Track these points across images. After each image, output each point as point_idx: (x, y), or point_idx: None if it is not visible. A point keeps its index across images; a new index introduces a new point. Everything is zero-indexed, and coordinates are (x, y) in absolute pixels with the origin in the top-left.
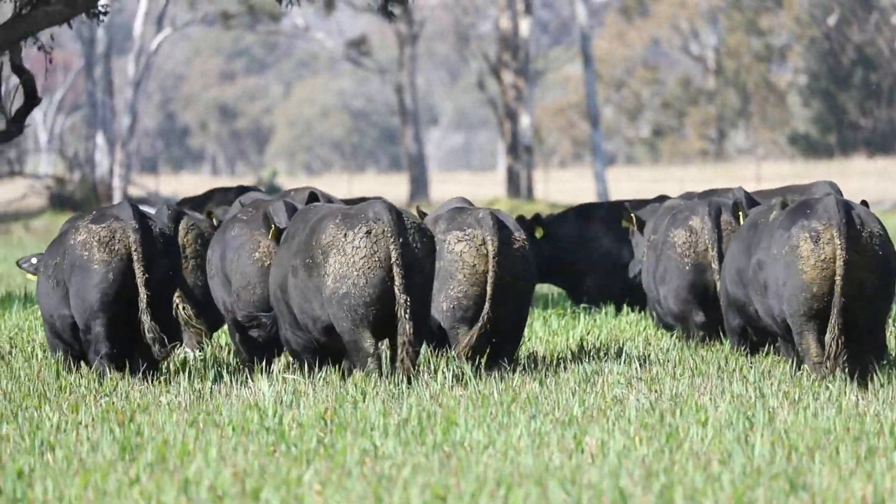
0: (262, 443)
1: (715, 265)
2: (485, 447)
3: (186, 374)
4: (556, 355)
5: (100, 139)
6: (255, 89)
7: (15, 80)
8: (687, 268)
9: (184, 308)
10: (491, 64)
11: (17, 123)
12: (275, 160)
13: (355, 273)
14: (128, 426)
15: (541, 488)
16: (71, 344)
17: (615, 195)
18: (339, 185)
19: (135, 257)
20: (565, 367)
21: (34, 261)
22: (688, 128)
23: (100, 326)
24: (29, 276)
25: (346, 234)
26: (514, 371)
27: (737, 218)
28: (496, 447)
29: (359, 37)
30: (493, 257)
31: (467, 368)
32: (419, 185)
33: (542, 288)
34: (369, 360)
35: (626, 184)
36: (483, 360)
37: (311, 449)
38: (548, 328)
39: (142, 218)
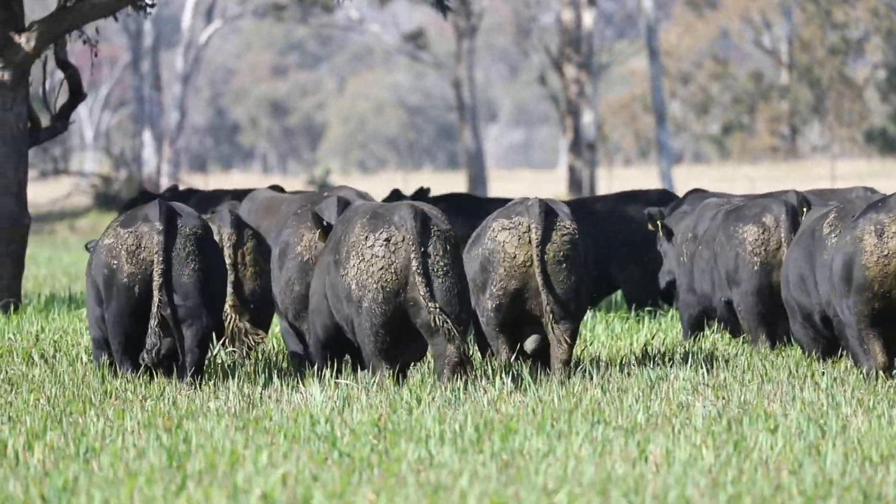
0: (314, 450)
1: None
2: (544, 455)
3: (236, 378)
4: (619, 360)
5: (147, 136)
6: (308, 84)
7: (60, 75)
8: (762, 267)
9: (238, 318)
10: (553, 57)
11: (62, 120)
12: (328, 158)
13: (372, 281)
14: (175, 433)
15: (603, 498)
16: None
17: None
18: (394, 184)
19: (155, 260)
20: (629, 373)
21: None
22: (758, 124)
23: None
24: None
25: (367, 238)
26: (574, 376)
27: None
28: (556, 455)
29: (415, 29)
30: (537, 245)
31: (526, 373)
32: (477, 184)
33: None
34: (382, 369)
35: (693, 182)
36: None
37: (365, 457)
38: (611, 332)
39: (170, 219)
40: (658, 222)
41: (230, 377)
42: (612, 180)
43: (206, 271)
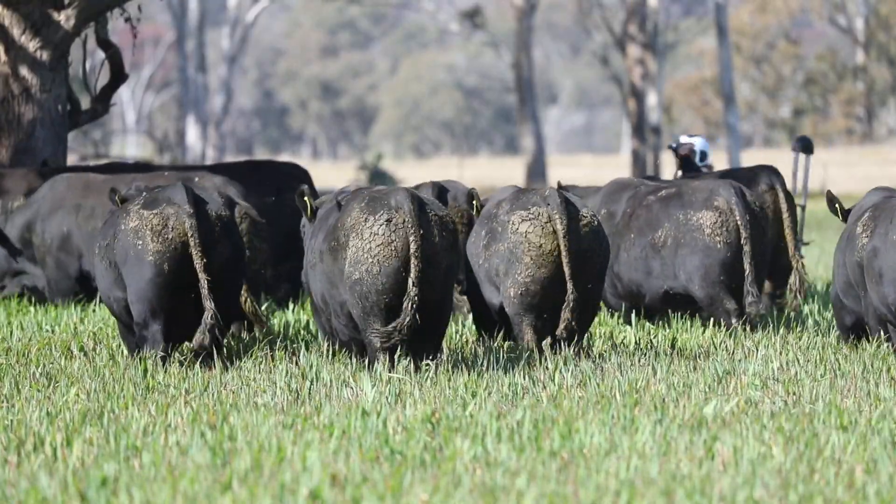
0: (365, 447)
1: None
2: (606, 453)
3: (283, 373)
4: (684, 354)
5: (191, 119)
6: (360, 65)
7: (100, 55)
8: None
9: (248, 299)
10: (616, 36)
11: (103, 102)
12: (380, 142)
13: (370, 260)
14: (220, 429)
15: (667, 498)
16: (130, 325)
17: None
18: (449, 170)
19: (191, 243)
20: (695, 367)
21: None
22: (833, 107)
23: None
24: None
25: (366, 219)
26: (638, 370)
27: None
28: (619, 453)
29: (472, 7)
30: (563, 235)
31: (587, 368)
32: (536, 169)
33: None
34: (378, 353)
35: None
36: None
37: (418, 454)
38: (676, 325)
39: (197, 202)
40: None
41: (277, 371)
42: None
43: (234, 252)
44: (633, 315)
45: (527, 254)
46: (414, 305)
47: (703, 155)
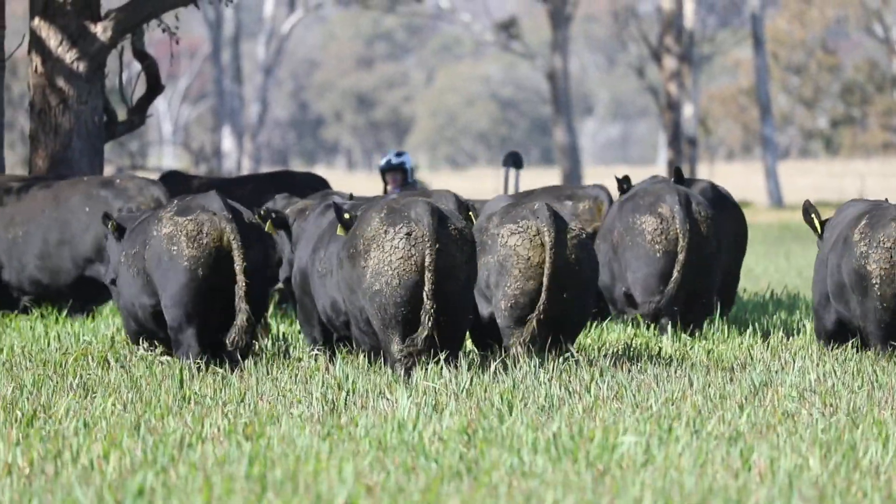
0: (401, 458)
1: None
2: (643, 465)
3: (319, 383)
4: (721, 365)
5: (227, 130)
6: (395, 76)
7: (137, 66)
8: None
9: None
10: (652, 48)
11: (140, 113)
12: (415, 153)
13: (390, 272)
14: (256, 440)
15: None
16: (155, 332)
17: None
18: (485, 181)
19: (233, 246)
20: (731, 379)
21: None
22: (871, 118)
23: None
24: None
25: (386, 231)
26: (674, 382)
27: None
28: (655, 465)
29: (508, 18)
30: (550, 248)
31: (624, 379)
32: (572, 180)
33: None
34: (396, 364)
35: (801, 179)
36: (545, 354)
37: (454, 465)
38: (711, 336)
39: (233, 208)
40: (812, 217)
41: (313, 381)
42: (714, 177)
43: (264, 258)
44: (669, 326)
45: (516, 266)
46: (431, 318)
47: (412, 171)
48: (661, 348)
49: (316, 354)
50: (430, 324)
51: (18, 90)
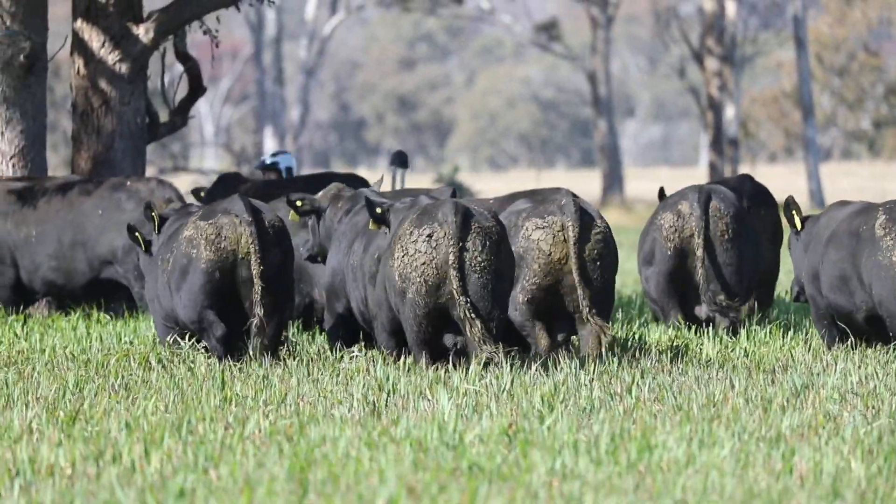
0: (442, 460)
1: None
2: (684, 467)
3: (360, 385)
4: (762, 367)
5: (269, 132)
6: (436, 78)
7: (179, 68)
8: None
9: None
10: (693, 49)
11: (181, 115)
12: (457, 155)
13: (415, 274)
14: (297, 441)
15: None
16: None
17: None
18: (526, 182)
19: (251, 250)
20: (773, 381)
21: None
22: None
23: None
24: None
25: (411, 233)
26: (715, 385)
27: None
28: (696, 467)
29: (548, 20)
30: (574, 243)
31: (665, 381)
32: (613, 182)
33: None
34: (423, 362)
35: (843, 180)
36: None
37: (495, 467)
38: (753, 338)
39: (255, 211)
40: (794, 213)
41: (354, 383)
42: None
43: (289, 260)
44: (710, 328)
45: (536, 261)
46: (470, 313)
47: (290, 171)
48: (702, 350)
49: (356, 356)
50: (471, 316)
51: (61, 92)
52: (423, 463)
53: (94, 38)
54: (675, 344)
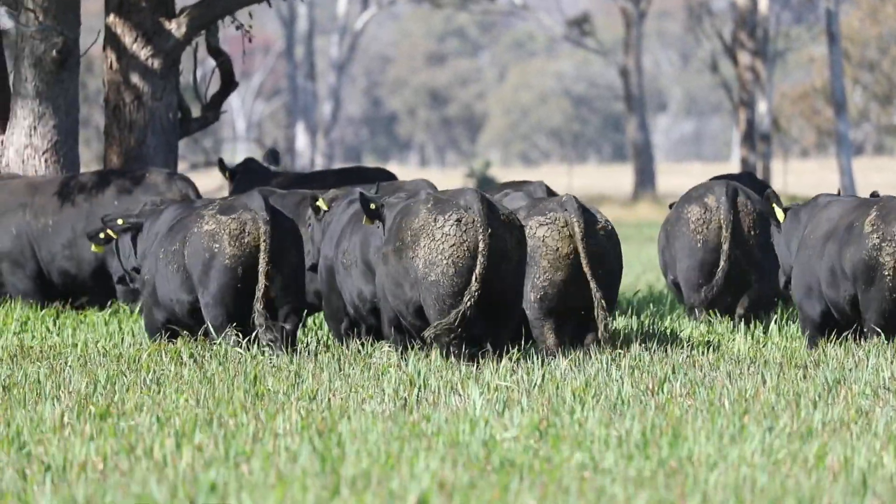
0: (472, 455)
1: None
2: (715, 462)
3: (391, 380)
4: (793, 362)
5: (301, 127)
6: (468, 73)
7: (211, 62)
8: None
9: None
10: (725, 44)
11: (213, 110)
12: (488, 150)
13: (444, 261)
14: (328, 436)
15: None
16: (192, 327)
17: (862, 189)
18: (558, 177)
19: (262, 248)
20: (805, 376)
21: (119, 221)
22: None
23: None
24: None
25: (436, 220)
26: (746, 379)
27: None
28: (727, 462)
29: (581, 15)
30: (581, 239)
31: (696, 376)
32: (645, 177)
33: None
34: (450, 346)
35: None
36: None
37: (525, 462)
38: (785, 333)
39: (273, 209)
40: (774, 205)
41: (385, 378)
42: (788, 174)
43: (301, 256)
44: (741, 324)
45: (545, 258)
46: (472, 299)
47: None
48: (733, 345)
49: (388, 351)
50: (469, 303)
51: (94, 87)
52: (454, 458)
53: (127, 34)
54: (706, 339)
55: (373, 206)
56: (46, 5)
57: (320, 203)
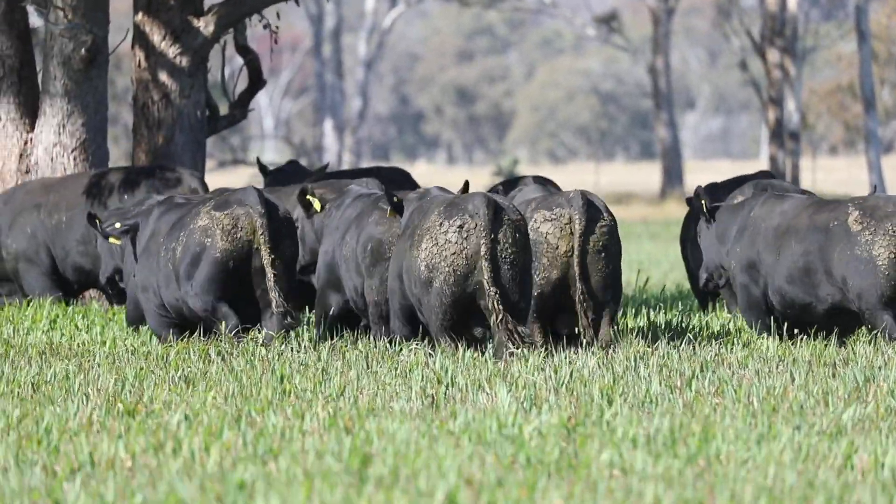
0: (500, 453)
1: None
2: (743, 461)
3: (419, 378)
4: (822, 360)
5: (328, 125)
6: (496, 70)
7: (239, 60)
8: None
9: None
10: (754, 41)
11: (241, 108)
12: (515, 147)
13: (445, 265)
14: (356, 433)
15: None
16: (183, 325)
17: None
18: (585, 175)
19: (262, 241)
20: (834, 375)
21: (118, 226)
22: None
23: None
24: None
25: (441, 224)
26: (775, 378)
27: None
28: (756, 461)
29: (609, 12)
30: (580, 236)
31: (725, 375)
32: (673, 175)
33: None
34: (445, 345)
35: None
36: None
37: (553, 460)
38: (813, 332)
39: (268, 202)
40: (703, 201)
41: (413, 376)
42: (817, 171)
43: (295, 249)
44: (771, 321)
45: (545, 254)
46: (499, 303)
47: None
48: (762, 344)
49: (415, 348)
50: (499, 307)
51: (122, 85)
52: (481, 456)
53: (155, 32)
54: (735, 338)
55: (396, 199)
56: (75, 4)
57: (314, 202)
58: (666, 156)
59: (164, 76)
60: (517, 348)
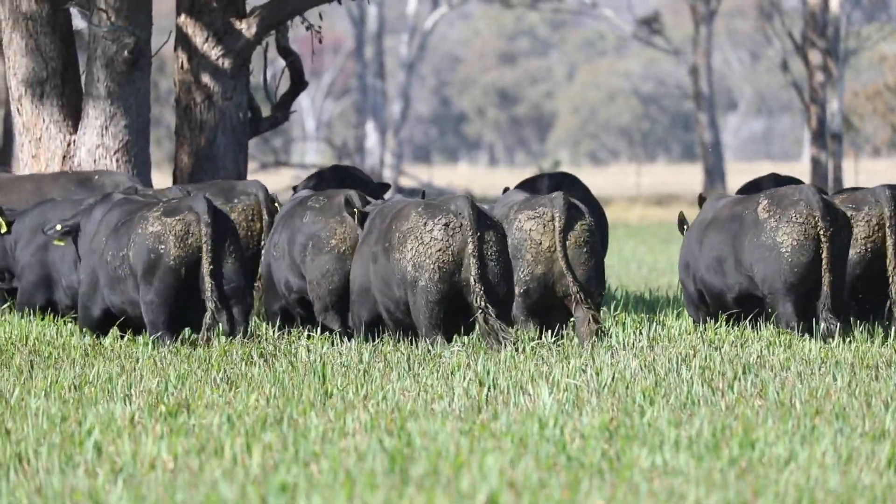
0: (542, 454)
1: None
2: (786, 463)
3: (460, 379)
4: (865, 363)
5: (370, 126)
6: (537, 72)
7: (281, 62)
8: None
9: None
10: (796, 43)
11: (283, 110)
12: (557, 149)
13: (431, 263)
14: (398, 435)
15: None
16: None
17: None
18: (627, 177)
19: (204, 249)
20: (876, 377)
21: (58, 227)
22: None
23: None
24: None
25: (426, 223)
26: (817, 379)
27: None
28: (798, 463)
29: (651, 14)
30: (560, 232)
31: (767, 376)
32: (714, 176)
33: None
34: (437, 342)
35: None
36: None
37: (595, 462)
38: (854, 332)
39: (215, 211)
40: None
41: (454, 378)
42: (859, 173)
43: (244, 255)
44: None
45: (529, 251)
46: (484, 300)
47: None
48: (804, 346)
49: (458, 351)
50: (483, 304)
51: (165, 87)
52: (523, 458)
53: (198, 34)
54: (777, 340)
55: (358, 210)
56: (118, 6)
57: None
58: (707, 157)
59: (206, 78)
60: (501, 345)
